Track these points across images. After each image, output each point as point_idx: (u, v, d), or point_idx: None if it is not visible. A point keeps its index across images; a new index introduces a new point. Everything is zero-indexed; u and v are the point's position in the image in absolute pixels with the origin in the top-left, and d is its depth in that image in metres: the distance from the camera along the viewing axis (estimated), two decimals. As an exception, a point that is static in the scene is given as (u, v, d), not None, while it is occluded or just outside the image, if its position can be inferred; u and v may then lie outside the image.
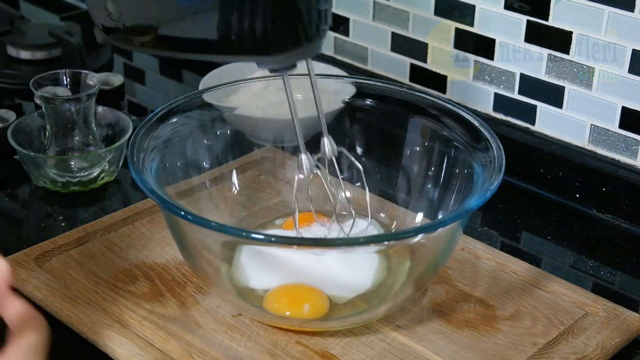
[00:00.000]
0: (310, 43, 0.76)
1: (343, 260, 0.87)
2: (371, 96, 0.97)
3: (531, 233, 1.04)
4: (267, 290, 0.85)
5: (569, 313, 0.87)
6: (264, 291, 0.86)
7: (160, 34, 0.79)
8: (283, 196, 1.01)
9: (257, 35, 0.74)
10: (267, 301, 0.84)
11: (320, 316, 0.83)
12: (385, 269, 0.88)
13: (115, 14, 0.80)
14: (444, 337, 0.84)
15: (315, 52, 0.78)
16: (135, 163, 0.82)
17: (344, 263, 0.87)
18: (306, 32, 0.76)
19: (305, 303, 0.84)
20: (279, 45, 0.75)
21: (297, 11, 0.74)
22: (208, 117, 0.96)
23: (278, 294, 0.85)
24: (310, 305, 0.83)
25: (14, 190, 1.08)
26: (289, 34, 0.75)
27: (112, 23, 0.81)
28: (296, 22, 0.75)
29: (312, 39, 0.76)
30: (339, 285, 0.86)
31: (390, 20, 1.21)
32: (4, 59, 1.35)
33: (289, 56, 0.77)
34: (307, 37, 0.76)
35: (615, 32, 1.01)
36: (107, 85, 1.28)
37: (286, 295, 0.85)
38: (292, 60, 0.78)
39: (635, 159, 1.04)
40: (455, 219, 0.80)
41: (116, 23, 0.81)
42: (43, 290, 0.88)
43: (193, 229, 0.81)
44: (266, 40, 0.75)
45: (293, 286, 0.86)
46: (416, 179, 0.96)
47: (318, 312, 0.83)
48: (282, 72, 0.80)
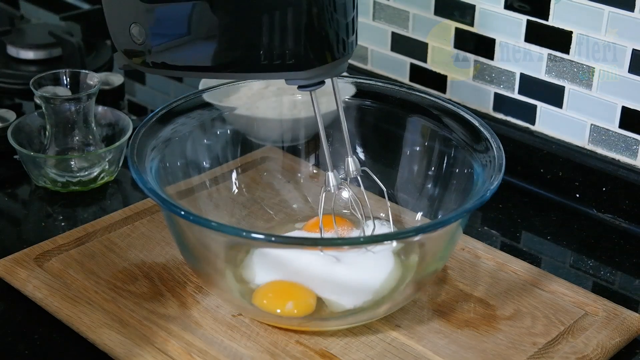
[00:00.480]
0: (338, 60, 0.78)
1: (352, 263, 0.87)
2: (371, 96, 0.97)
3: (531, 233, 1.04)
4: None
5: (569, 313, 0.87)
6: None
7: (189, 56, 0.79)
8: (283, 196, 1.01)
9: (286, 52, 0.76)
10: (255, 297, 0.84)
11: (305, 314, 0.83)
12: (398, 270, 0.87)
13: (140, 38, 0.80)
14: (443, 336, 0.84)
15: (342, 70, 0.81)
16: (135, 163, 0.82)
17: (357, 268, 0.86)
18: (332, 49, 0.77)
19: (290, 300, 0.83)
20: (307, 61, 0.77)
21: (324, 29, 0.76)
22: (208, 117, 0.96)
23: (264, 290, 0.85)
24: (295, 303, 0.83)
25: (14, 190, 1.08)
26: (316, 51, 0.77)
27: (135, 47, 0.81)
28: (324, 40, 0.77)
29: (339, 56, 0.78)
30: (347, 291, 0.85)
31: (390, 20, 1.21)
32: (4, 59, 1.35)
33: (317, 72, 0.78)
34: (333, 55, 0.78)
35: (615, 32, 1.01)
36: (107, 85, 1.28)
37: (272, 291, 0.85)
38: (319, 78, 0.80)
39: (635, 159, 1.04)
40: (455, 219, 0.80)
41: (141, 47, 0.81)
42: (43, 290, 0.88)
43: (193, 229, 0.81)
44: (296, 57, 0.76)
45: (280, 283, 0.85)
46: (416, 178, 0.96)
47: (303, 310, 0.83)
48: (311, 89, 0.81)
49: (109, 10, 0.84)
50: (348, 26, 0.79)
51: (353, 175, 0.88)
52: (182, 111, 0.92)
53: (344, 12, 0.78)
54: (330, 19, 0.77)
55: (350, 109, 0.98)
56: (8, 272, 0.90)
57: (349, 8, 0.78)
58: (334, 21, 0.77)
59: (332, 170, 0.86)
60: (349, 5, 0.78)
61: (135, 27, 0.81)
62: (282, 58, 0.76)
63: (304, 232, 0.94)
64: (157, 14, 0.80)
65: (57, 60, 1.34)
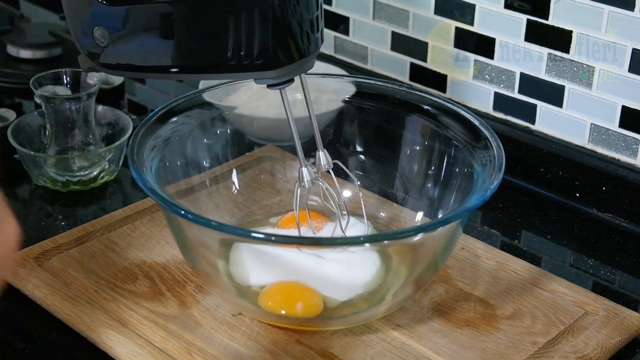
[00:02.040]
0: (304, 58, 0.79)
1: (343, 259, 0.87)
2: (371, 95, 0.97)
3: (531, 232, 1.04)
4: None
5: (569, 312, 0.87)
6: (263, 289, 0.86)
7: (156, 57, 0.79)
8: (283, 195, 1.01)
9: (254, 53, 0.76)
10: (261, 298, 0.84)
11: (313, 315, 0.83)
12: (384, 269, 0.88)
13: (104, 40, 0.80)
14: (443, 336, 0.84)
15: (309, 67, 0.81)
16: (135, 162, 0.82)
17: (344, 262, 0.87)
18: (299, 47, 0.78)
19: (299, 301, 0.83)
20: (275, 60, 0.77)
21: (289, 28, 0.76)
22: (208, 117, 0.96)
23: (272, 291, 0.85)
24: (304, 304, 0.83)
25: (14, 190, 1.08)
26: (284, 49, 0.77)
27: (99, 49, 0.81)
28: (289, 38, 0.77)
29: (305, 54, 0.79)
30: (338, 285, 0.86)
31: (390, 20, 1.21)
32: (4, 58, 1.35)
33: (285, 71, 0.79)
34: (300, 53, 0.78)
35: (615, 32, 1.01)
36: (107, 84, 1.28)
37: (280, 293, 0.85)
38: (288, 76, 0.80)
39: (635, 158, 1.04)
40: (455, 218, 0.80)
41: (105, 49, 0.81)
42: (43, 289, 0.87)
43: (193, 228, 0.81)
44: (264, 57, 0.76)
45: (287, 284, 0.85)
46: (416, 178, 0.96)
47: (311, 311, 0.83)
48: (280, 87, 0.81)
49: (70, 13, 0.84)
50: (313, 23, 0.79)
51: (324, 169, 0.89)
52: (182, 110, 0.92)
53: (308, 9, 0.78)
54: (299, 19, 0.77)
55: (350, 108, 0.98)
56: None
57: (312, 6, 0.79)
58: (301, 20, 0.77)
59: (306, 166, 0.87)
60: (312, 3, 0.79)
61: (98, 30, 0.81)
62: (250, 58, 0.77)
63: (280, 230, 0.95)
64: (120, 16, 0.79)
65: (57, 59, 1.34)
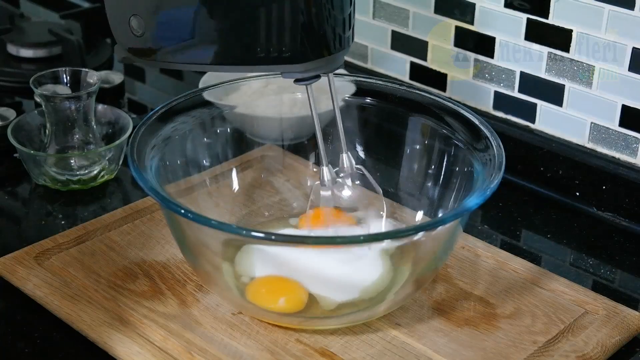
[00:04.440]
0: (334, 55, 0.79)
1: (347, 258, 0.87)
2: (371, 94, 0.97)
3: (531, 231, 1.04)
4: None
5: (569, 311, 0.87)
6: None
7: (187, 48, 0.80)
8: (283, 194, 1.01)
9: (283, 45, 0.77)
10: (247, 290, 0.85)
11: (295, 311, 0.83)
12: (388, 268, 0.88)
13: (140, 30, 0.81)
14: (444, 335, 0.84)
15: (338, 65, 0.81)
16: (135, 161, 0.82)
17: (347, 262, 0.87)
18: (328, 43, 0.78)
19: (282, 297, 0.83)
20: (304, 54, 0.78)
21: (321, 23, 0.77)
22: (208, 116, 0.96)
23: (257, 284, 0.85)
24: (287, 299, 0.83)
25: (14, 189, 1.08)
26: (314, 44, 0.78)
27: (135, 39, 0.82)
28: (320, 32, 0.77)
29: (335, 51, 0.79)
30: (341, 284, 0.86)
31: (390, 19, 1.21)
32: (4, 57, 1.34)
33: (313, 66, 0.79)
34: (329, 49, 0.79)
35: (616, 31, 1.01)
36: (107, 83, 1.28)
37: (265, 286, 0.85)
38: (316, 71, 0.80)
39: (635, 157, 1.04)
40: (455, 217, 0.80)
41: (140, 39, 0.82)
42: (43, 288, 0.87)
43: (193, 227, 0.81)
44: (292, 50, 0.77)
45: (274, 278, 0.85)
46: (416, 177, 0.96)
47: (293, 307, 0.83)
48: (307, 83, 0.81)
49: (109, 2, 0.85)
50: (345, 21, 0.79)
51: (347, 172, 0.89)
52: (182, 109, 0.92)
53: (341, 7, 0.78)
54: (328, 14, 0.77)
55: (350, 107, 0.98)
56: (8, 271, 0.90)
57: (346, 3, 0.79)
58: (331, 16, 0.78)
59: (327, 165, 0.87)
60: (346, 0, 0.79)
61: (134, 19, 0.82)
62: (279, 51, 0.77)
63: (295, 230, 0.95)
64: (156, 5, 0.81)
65: (57, 58, 1.34)
